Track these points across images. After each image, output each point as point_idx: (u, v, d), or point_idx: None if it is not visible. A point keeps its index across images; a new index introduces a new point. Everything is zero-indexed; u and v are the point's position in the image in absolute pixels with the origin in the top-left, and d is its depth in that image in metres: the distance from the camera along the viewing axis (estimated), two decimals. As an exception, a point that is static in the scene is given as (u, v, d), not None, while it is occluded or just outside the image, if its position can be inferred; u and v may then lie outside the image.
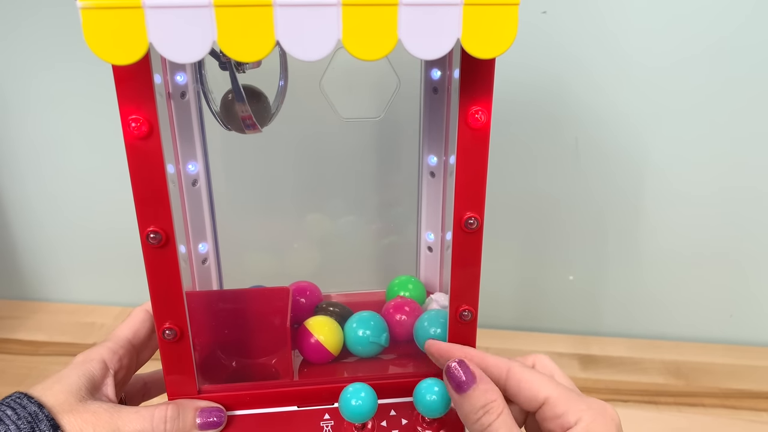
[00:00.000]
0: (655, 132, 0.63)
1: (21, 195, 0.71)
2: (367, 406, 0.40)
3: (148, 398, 0.48)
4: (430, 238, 0.54)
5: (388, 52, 0.30)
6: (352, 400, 0.40)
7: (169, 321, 0.40)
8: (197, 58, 0.29)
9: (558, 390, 0.35)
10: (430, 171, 0.52)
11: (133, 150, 0.36)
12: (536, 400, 0.35)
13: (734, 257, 0.67)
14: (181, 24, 0.28)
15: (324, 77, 0.48)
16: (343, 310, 0.50)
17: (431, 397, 0.40)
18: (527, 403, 0.36)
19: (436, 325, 0.47)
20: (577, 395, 0.35)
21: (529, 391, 0.36)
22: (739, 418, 0.58)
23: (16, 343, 0.68)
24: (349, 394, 0.40)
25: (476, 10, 0.30)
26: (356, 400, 0.40)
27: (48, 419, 0.36)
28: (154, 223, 0.38)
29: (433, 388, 0.41)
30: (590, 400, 0.35)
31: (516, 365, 0.37)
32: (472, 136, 0.38)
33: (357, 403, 0.40)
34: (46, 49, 0.64)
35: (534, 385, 0.36)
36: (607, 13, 0.59)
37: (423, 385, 0.41)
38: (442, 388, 0.41)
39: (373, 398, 0.40)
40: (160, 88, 0.45)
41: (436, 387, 0.41)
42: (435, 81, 0.49)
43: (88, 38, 0.28)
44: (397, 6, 0.29)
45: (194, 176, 0.49)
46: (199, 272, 0.52)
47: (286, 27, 0.29)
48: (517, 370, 0.37)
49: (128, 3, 0.28)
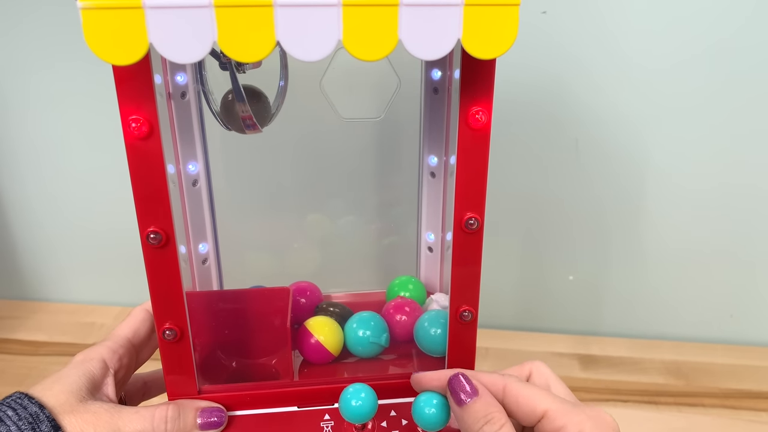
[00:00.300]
0: (656, 132, 0.63)
1: (21, 195, 0.71)
2: (368, 406, 0.40)
3: (148, 398, 0.48)
4: (430, 238, 0.54)
5: (389, 53, 0.30)
6: (352, 401, 0.40)
7: (169, 321, 0.40)
8: (197, 58, 0.29)
9: (556, 403, 0.35)
10: (431, 171, 0.52)
11: (134, 150, 0.36)
12: (535, 414, 0.35)
13: (734, 257, 0.67)
14: (181, 24, 0.28)
15: (324, 77, 0.48)
16: (344, 310, 0.50)
17: (430, 410, 0.39)
18: (526, 419, 0.36)
19: (436, 326, 0.47)
20: (575, 406, 0.35)
21: (527, 406, 0.36)
22: (740, 419, 0.58)
23: (16, 343, 0.68)
24: (349, 394, 0.40)
25: (477, 10, 0.30)
26: (356, 401, 0.40)
27: (49, 420, 0.36)
28: (154, 223, 0.38)
29: (431, 401, 0.39)
30: (588, 409, 0.35)
31: (511, 381, 0.37)
32: (472, 136, 0.38)
33: (357, 403, 0.40)
34: (46, 48, 0.64)
35: (532, 400, 0.36)
36: (607, 13, 0.59)
37: (421, 399, 0.40)
38: (441, 400, 0.40)
39: (374, 399, 0.40)
40: (161, 88, 0.45)
41: (435, 400, 0.39)
42: (435, 81, 0.49)
43: (88, 38, 0.28)
44: (398, 6, 0.29)
45: (194, 176, 0.49)
46: (200, 272, 0.52)
47: (287, 27, 0.29)
48: (513, 387, 0.36)
49: (128, 3, 0.28)
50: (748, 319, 0.70)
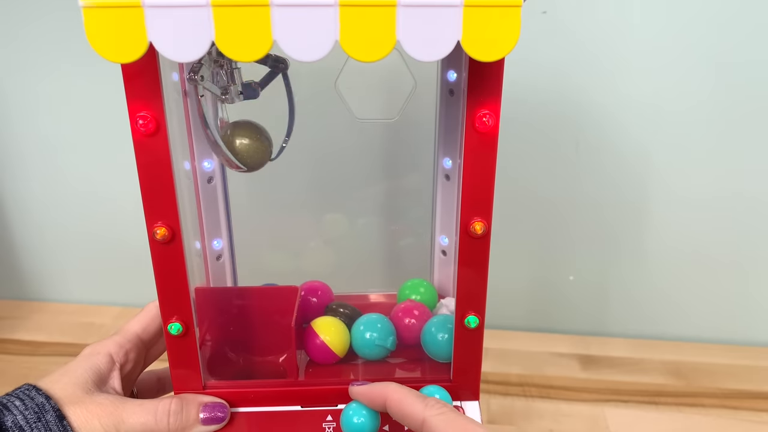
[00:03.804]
0: (657, 131, 0.62)
1: (21, 195, 0.71)
2: (369, 426, 0.39)
3: (163, 394, 0.49)
4: (444, 241, 0.54)
5: (387, 54, 0.30)
6: (354, 418, 0.39)
7: (175, 316, 0.41)
8: (195, 57, 0.29)
9: None
10: (445, 174, 0.51)
11: (141, 147, 0.36)
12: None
13: (735, 257, 0.67)
14: (179, 23, 0.29)
15: (339, 78, 0.47)
16: (353, 311, 0.50)
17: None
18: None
19: (443, 331, 0.46)
20: None
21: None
22: (740, 419, 0.58)
23: (16, 343, 0.68)
24: (351, 410, 0.40)
25: (477, 11, 0.29)
26: (358, 418, 0.39)
27: (54, 410, 0.37)
28: (161, 219, 0.38)
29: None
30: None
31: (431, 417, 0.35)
32: (479, 140, 0.37)
33: (359, 420, 0.39)
34: (48, 49, 0.64)
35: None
36: (607, 13, 0.58)
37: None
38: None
39: (375, 417, 0.40)
40: (177, 86, 0.45)
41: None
42: (451, 83, 0.48)
43: (89, 36, 0.29)
44: (396, 7, 0.29)
45: (209, 173, 0.50)
46: (213, 268, 0.52)
47: (284, 27, 0.29)
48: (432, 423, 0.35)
49: (128, 2, 0.28)
50: (748, 319, 0.69)
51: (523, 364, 0.65)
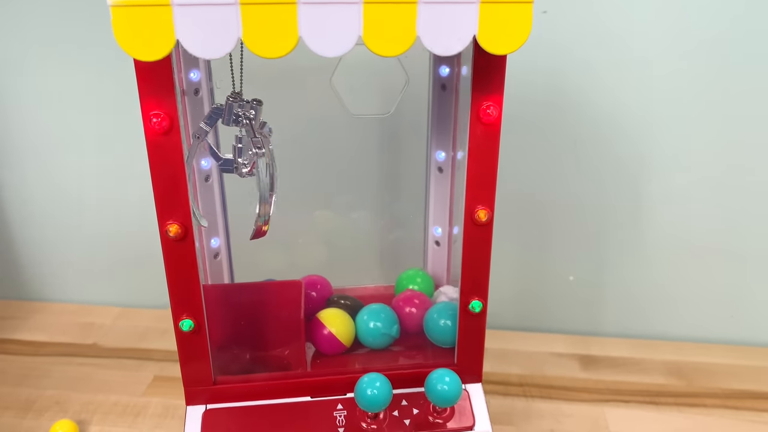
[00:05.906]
0: (656, 131, 0.63)
1: (21, 195, 0.70)
2: (383, 395, 0.41)
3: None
4: (437, 232, 0.55)
5: (407, 49, 0.31)
6: (368, 390, 0.41)
7: (186, 313, 0.41)
8: (222, 54, 0.30)
9: None
10: (438, 166, 0.53)
11: (154, 145, 0.37)
12: None
13: (735, 257, 0.67)
14: (207, 21, 0.29)
15: (334, 74, 0.48)
16: (355, 303, 0.51)
17: (442, 387, 0.41)
18: None
19: (445, 317, 0.48)
20: None
21: None
22: (741, 419, 0.58)
23: (16, 343, 0.67)
24: (364, 383, 0.41)
25: (492, 7, 0.31)
26: (372, 390, 0.41)
27: None
28: (173, 216, 0.39)
29: (444, 378, 0.42)
30: None
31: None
32: (483, 130, 0.39)
33: (373, 392, 0.41)
34: (47, 46, 0.64)
35: None
36: (607, 13, 0.60)
37: (434, 376, 0.42)
38: (453, 377, 0.42)
39: (388, 388, 0.41)
40: (197, 85, 0.46)
41: (447, 377, 0.42)
42: (443, 78, 0.50)
43: (117, 35, 0.29)
44: (416, 4, 0.30)
45: (207, 172, 0.50)
46: (211, 267, 0.53)
47: (309, 24, 0.30)
48: None
49: (157, 1, 0.29)
50: (748, 319, 0.70)
51: (523, 365, 0.64)
